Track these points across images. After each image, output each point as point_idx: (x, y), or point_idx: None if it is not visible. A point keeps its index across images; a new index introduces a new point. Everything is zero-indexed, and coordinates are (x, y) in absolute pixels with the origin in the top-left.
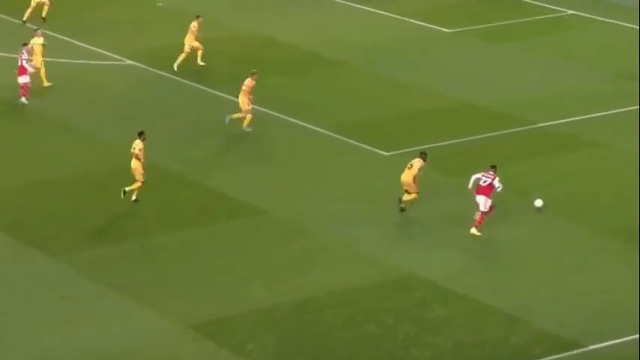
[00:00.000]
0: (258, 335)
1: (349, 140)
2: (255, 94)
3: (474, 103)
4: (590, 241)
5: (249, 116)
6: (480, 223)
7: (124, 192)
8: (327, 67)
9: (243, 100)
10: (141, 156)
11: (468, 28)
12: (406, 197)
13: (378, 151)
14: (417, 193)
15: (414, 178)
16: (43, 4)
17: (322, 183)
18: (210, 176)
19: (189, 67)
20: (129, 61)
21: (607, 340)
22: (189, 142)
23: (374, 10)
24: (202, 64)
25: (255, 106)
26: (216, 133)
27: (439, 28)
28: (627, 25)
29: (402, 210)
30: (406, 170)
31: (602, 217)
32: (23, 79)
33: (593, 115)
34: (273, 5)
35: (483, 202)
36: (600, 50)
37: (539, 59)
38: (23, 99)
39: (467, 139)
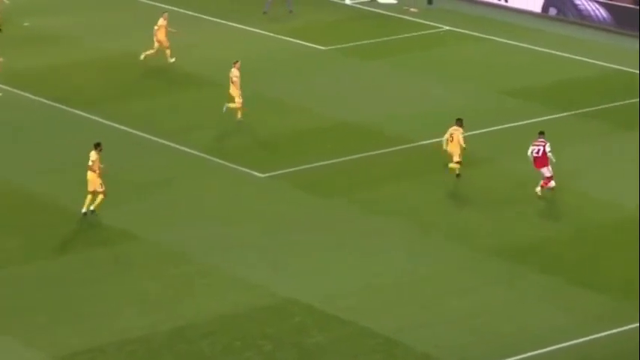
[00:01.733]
0: None
1: (224, 162)
2: (126, 117)
3: (350, 121)
4: (469, 262)
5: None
6: (545, 184)
7: (93, 212)
8: (201, 87)
9: (235, 92)
10: (95, 167)
11: (344, 46)
12: (452, 165)
13: (253, 172)
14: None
15: (461, 144)
16: None
17: (197, 206)
18: (80, 201)
19: (60, 89)
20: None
21: None
22: (57, 166)
23: (248, 28)
24: (172, 60)
25: (127, 129)
26: (80, 156)
27: (314, 46)
28: (505, 41)
29: (459, 175)
30: (449, 143)
31: (480, 238)
32: None
33: (472, 133)
34: (143, 25)
35: (547, 170)
36: (478, 67)
37: (417, 76)
38: None
39: (344, 159)
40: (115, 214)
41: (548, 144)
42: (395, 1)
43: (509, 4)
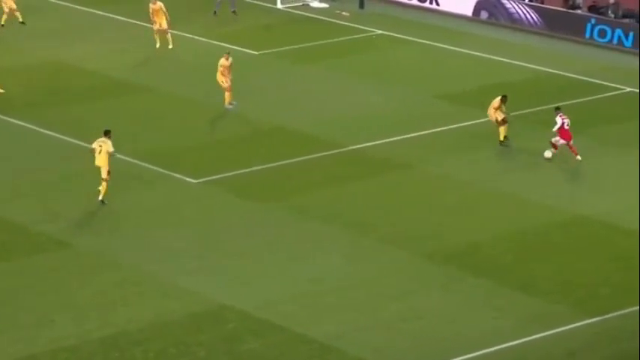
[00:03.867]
0: None
1: (156, 168)
2: (59, 124)
3: (283, 126)
4: (405, 266)
5: (227, 93)
6: (574, 150)
7: (102, 202)
8: (132, 93)
9: (221, 79)
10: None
11: (276, 50)
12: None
13: (186, 178)
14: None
15: (497, 116)
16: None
17: (130, 213)
18: (11, 209)
19: None
20: None
21: None
22: None
23: (179, 33)
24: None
25: (61, 136)
26: (15, 166)
27: (247, 51)
28: (437, 44)
29: (507, 145)
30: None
31: (416, 242)
32: None
33: (405, 137)
34: (75, 31)
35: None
36: (411, 70)
37: (350, 80)
38: None
39: (277, 163)
40: (43, 221)
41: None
42: (327, 5)
43: (441, 7)
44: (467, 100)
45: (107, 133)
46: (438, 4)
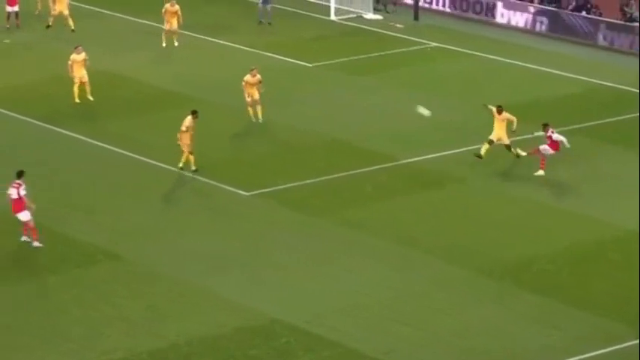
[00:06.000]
0: None
1: (208, 180)
2: (108, 135)
3: (336, 139)
4: (457, 281)
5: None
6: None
7: (195, 170)
8: (182, 105)
9: (251, 93)
10: (187, 132)
11: (330, 62)
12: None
13: (237, 191)
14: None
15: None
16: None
17: (181, 225)
18: (62, 221)
19: (42, 107)
20: None
21: None
22: (38, 185)
23: (231, 44)
24: (91, 98)
25: (106, 145)
26: (65, 175)
27: (301, 63)
28: (492, 57)
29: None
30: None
31: (469, 256)
32: None
33: (459, 150)
34: (122, 41)
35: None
36: (465, 83)
37: (404, 93)
38: None
39: (329, 177)
40: (95, 233)
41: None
42: (381, 17)
43: (496, 19)
44: (521, 114)
45: (194, 113)
46: (493, 17)
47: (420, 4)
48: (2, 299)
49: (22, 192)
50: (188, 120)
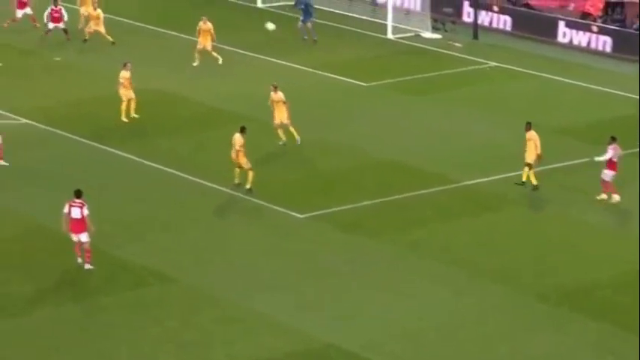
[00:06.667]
0: None
1: (261, 202)
2: (160, 154)
3: (393, 160)
4: (515, 306)
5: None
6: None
7: (249, 190)
8: (232, 123)
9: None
10: (242, 150)
11: (387, 82)
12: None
13: (291, 213)
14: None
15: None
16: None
17: (232, 247)
18: (112, 242)
19: (90, 126)
20: (24, 120)
21: None
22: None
23: (286, 63)
24: (135, 116)
25: (159, 166)
26: (114, 195)
27: (356, 82)
28: (552, 77)
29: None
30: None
31: (528, 280)
32: None
33: (519, 173)
34: (177, 60)
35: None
36: (525, 104)
37: (462, 113)
38: None
39: (386, 199)
40: (146, 255)
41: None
42: (439, 36)
43: (557, 39)
44: (582, 135)
45: (243, 130)
46: (554, 36)
47: (480, 22)
48: (52, 320)
49: (86, 212)
50: (239, 137)
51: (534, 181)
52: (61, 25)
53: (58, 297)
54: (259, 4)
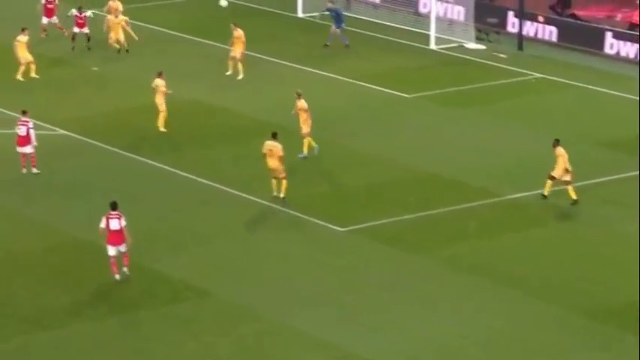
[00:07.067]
0: None
1: (301, 215)
2: (196, 165)
3: (435, 173)
4: (560, 323)
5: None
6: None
7: (284, 199)
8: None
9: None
10: (276, 155)
11: (429, 93)
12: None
13: (332, 226)
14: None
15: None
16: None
17: (270, 261)
18: (151, 257)
19: (126, 136)
20: (62, 131)
21: None
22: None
23: (327, 73)
24: (163, 130)
25: (199, 179)
26: (151, 207)
27: (398, 94)
28: (599, 89)
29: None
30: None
31: (573, 297)
32: None
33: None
34: (216, 70)
35: None
36: (570, 116)
37: (506, 126)
38: None
39: (427, 212)
40: (182, 268)
41: None
42: (483, 47)
43: (605, 50)
44: (628, 148)
45: (275, 136)
46: (601, 47)
47: (525, 33)
48: (88, 334)
49: (123, 223)
50: (277, 144)
51: (574, 196)
52: (84, 30)
53: (94, 310)
54: (300, 14)
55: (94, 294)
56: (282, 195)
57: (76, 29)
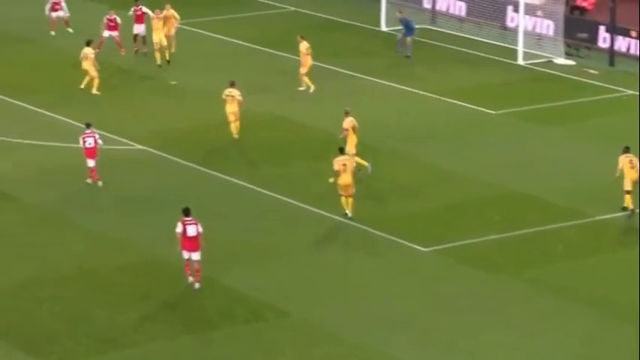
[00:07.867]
0: None
1: (382, 234)
2: (277, 182)
3: (521, 192)
4: None
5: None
6: None
7: (347, 215)
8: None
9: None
10: (349, 170)
11: (516, 110)
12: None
13: (414, 246)
14: None
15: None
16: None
17: (352, 281)
18: (228, 275)
19: (203, 150)
20: (139, 146)
21: None
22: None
23: (411, 89)
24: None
25: (279, 196)
26: (226, 223)
27: (484, 110)
28: None
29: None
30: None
31: None
32: None
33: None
34: (295, 84)
35: None
36: None
37: (596, 144)
38: None
39: (513, 233)
40: (259, 286)
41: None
42: (573, 63)
43: None
44: None
45: (342, 151)
46: None
47: (617, 48)
48: (163, 353)
49: (200, 229)
50: (350, 159)
51: (631, 206)
52: (115, 33)
53: (169, 329)
54: (383, 28)
55: (170, 312)
56: (350, 214)
57: (106, 33)
